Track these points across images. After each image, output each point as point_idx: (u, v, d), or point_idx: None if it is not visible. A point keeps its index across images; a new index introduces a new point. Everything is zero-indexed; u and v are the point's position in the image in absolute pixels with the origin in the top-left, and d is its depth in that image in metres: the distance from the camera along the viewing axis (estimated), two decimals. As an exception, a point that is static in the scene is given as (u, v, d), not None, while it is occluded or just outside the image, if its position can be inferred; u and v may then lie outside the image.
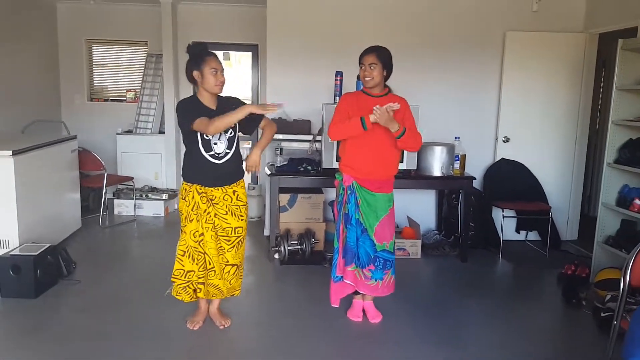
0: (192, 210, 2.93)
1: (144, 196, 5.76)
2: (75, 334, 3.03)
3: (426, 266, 4.49)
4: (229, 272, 3.04)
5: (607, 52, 5.49)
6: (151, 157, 6.04)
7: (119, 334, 3.06)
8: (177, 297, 3.08)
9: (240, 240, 3.04)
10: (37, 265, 3.50)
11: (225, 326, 3.16)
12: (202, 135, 2.85)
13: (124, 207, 5.72)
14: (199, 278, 3.02)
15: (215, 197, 2.94)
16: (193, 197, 2.92)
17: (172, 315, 3.29)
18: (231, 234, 2.99)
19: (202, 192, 2.93)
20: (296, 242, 4.42)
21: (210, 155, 2.88)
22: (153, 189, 5.91)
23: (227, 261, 3.02)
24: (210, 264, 2.98)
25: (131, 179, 5.66)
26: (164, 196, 5.78)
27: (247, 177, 3.18)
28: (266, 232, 4.97)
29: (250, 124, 3.00)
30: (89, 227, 5.16)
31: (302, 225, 4.60)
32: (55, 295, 3.57)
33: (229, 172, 2.96)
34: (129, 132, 6.14)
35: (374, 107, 2.92)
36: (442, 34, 4.95)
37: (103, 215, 5.32)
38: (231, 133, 2.92)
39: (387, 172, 3.17)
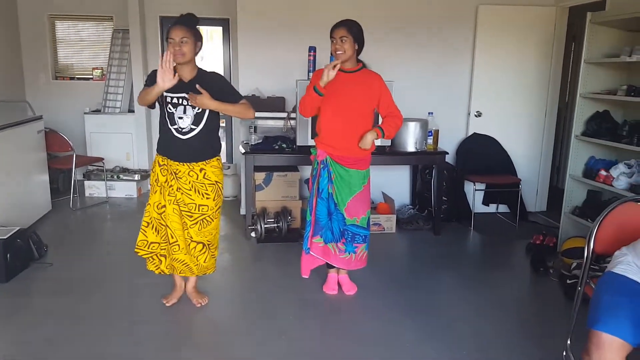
0: (155, 181, 2.93)
1: (115, 177, 5.65)
2: (48, 317, 3.00)
3: (401, 240, 4.56)
4: (194, 248, 2.99)
5: (577, 25, 5.56)
6: (121, 137, 5.90)
7: (93, 315, 3.03)
8: (148, 268, 3.12)
9: (205, 218, 2.94)
10: (7, 249, 3.42)
11: (202, 304, 3.17)
12: (165, 107, 2.82)
13: (95, 189, 5.61)
14: (161, 250, 3.03)
15: (180, 171, 2.88)
16: (156, 168, 2.93)
17: (147, 297, 3.27)
18: (194, 210, 2.92)
19: (164, 164, 2.91)
20: (273, 220, 4.42)
21: (174, 129, 2.84)
22: (124, 170, 5.80)
23: (192, 237, 2.97)
24: (172, 238, 2.95)
25: (101, 159, 5.54)
26: (136, 177, 5.68)
27: (222, 156, 3.13)
28: (242, 211, 4.96)
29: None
30: (60, 210, 5.06)
31: (278, 204, 4.60)
32: (27, 279, 3.51)
33: (196, 150, 2.87)
34: (97, 111, 5.97)
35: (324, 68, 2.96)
36: (415, 8, 4.93)
37: (74, 198, 5.21)
38: (199, 109, 2.81)
39: (362, 150, 3.16)
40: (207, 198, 2.92)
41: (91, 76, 6.25)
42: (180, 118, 2.82)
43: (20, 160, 4.40)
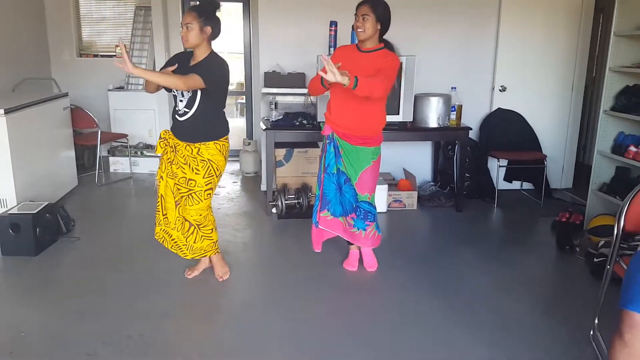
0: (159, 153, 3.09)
1: (138, 153, 5.74)
2: (76, 290, 3.09)
3: (422, 217, 4.54)
4: (183, 226, 3.05)
5: (606, -4, 5.37)
6: (144, 114, 5.96)
7: (119, 287, 3.12)
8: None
9: (191, 194, 2.95)
10: (36, 223, 3.52)
11: (224, 278, 3.22)
12: (171, 90, 2.92)
13: (119, 165, 5.71)
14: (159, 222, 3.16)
15: (179, 144, 2.98)
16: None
17: (171, 268, 3.34)
18: (184, 184, 2.96)
19: (164, 137, 3.03)
20: (293, 196, 4.44)
21: (176, 110, 2.96)
22: (148, 146, 5.88)
23: (180, 214, 3.04)
24: (165, 210, 3.07)
25: (125, 136, 5.62)
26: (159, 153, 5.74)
27: (242, 133, 3.14)
28: (263, 187, 5.00)
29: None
30: (86, 185, 5.17)
31: (298, 180, 4.61)
32: (56, 253, 3.61)
33: (190, 131, 2.94)
34: (121, 88, 6.03)
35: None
36: (439, -20, 4.81)
37: (99, 173, 5.32)
38: (190, 93, 2.87)
39: (370, 128, 3.11)
40: (196, 173, 2.94)
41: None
42: (181, 101, 2.92)
43: (47, 137, 4.49)
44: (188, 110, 2.90)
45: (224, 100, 3.05)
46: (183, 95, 2.90)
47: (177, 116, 2.95)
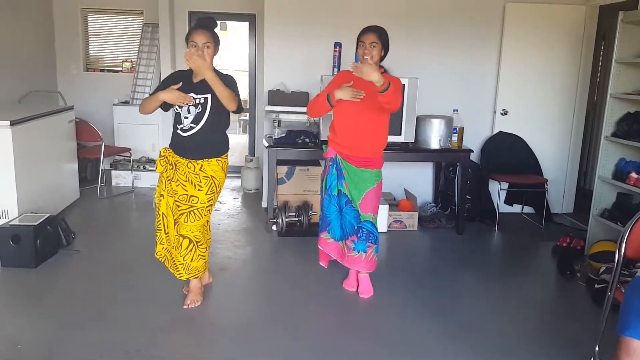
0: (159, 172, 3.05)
1: (141, 167, 5.76)
2: (75, 302, 3.08)
3: (423, 238, 4.54)
4: (181, 245, 2.97)
5: (607, 24, 5.43)
6: (148, 129, 6.00)
7: (117, 301, 3.11)
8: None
9: (193, 211, 2.93)
10: (37, 235, 3.52)
11: (190, 306, 3.05)
12: (175, 106, 2.92)
13: (121, 178, 5.73)
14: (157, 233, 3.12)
15: (180, 162, 2.96)
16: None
17: (170, 284, 3.32)
18: (185, 201, 2.94)
19: (164, 155, 3.00)
20: (294, 214, 4.45)
21: (180, 127, 2.94)
22: (150, 160, 5.91)
23: (178, 231, 2.98)
24: (167, 228, 3.04)
25: (128, 150, 5.65)
26: (162, 168, 5.77)
27: (244, 150, 3.17)
28: (264, 204, 5.00)
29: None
30: (87, 198, 5.18)
31: (299, 197, 4.62)
32: (55, 265, 3.61)
33: (194, 147, 2.92)
34: (126, 103, 6.09)
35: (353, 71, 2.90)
36: (442, 4, 4.88)
37: (101, 186, 5.34)
38: (199, 109, 2.88)
39: (373, 150, 3.17)
40: (199, 190, 2.93)
41: (121, 68, 6.37)
42: (186, 117, 2.91)
43: (51, 149, 4.52)
44: (194, 126, 2.90)
45: (229, 116, 3.05)
46: (189, 112, 2.90)
47: (180, 132, 2.94)
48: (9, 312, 2.99)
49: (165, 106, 2.95)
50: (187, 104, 2.84)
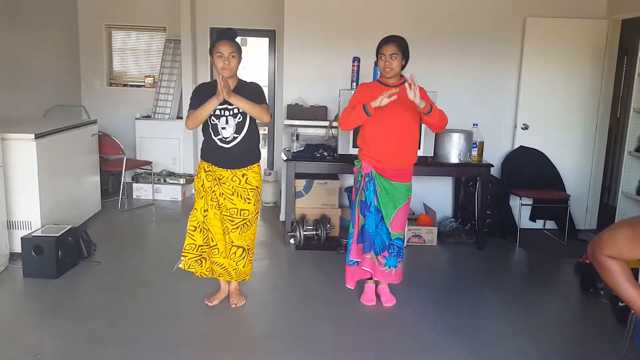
0: (201, 187, 3.05)
1: (162, 180, 5.83)
2: (95, 314, 3.11)
3: (442, 254, 4.48)
4: (234, 253, 3.07)
5: (629, 38, 5.36)
6: (169, 142, 6.09)
7: (137, 314, 3.13)
8: (189, 269, 3.16)
9: (246, 223, 3.04)
10: (59, 246, 3.58)
11: (238, 305, 3.23)
12: (209, 119, 2.94)
13: (142, 191, 5.80)
14: (202, 252, 3.13)
15: (224, 176, 3.00)
16: (201, 174, 3.05)
17: (190, 297, 3.34)
18: (235, 215, 3.01)
19: (209, 170, 3.02)
20: (312, 227, 4.44)
21: (218, 139, 2.96)
22: (171, 174, 5.98)
23: (232, 242, 3.06)
24: (213, 241, 3.06)
25: (150, 163, 5.73)
26: (182, 181, 5.84)
27: (263, 163, 3.21)
28: (282, 218, 5.01)
29: None
30: (109, 210, 5.25)
31: (317, 211, 4.62)
32: (76, 276, 3.65)
33: (238, 157, 2.99)
34: (148, 117, 6.19)
35: (383, 93, 2.93)
36: (462, 18, 4.88)
37: (122, 199, 5.41)
38: (239, 118, 2.93)
39: (406, 161, 3.18)
40: (248, 203, 3.01)
41: (143, 83, 6.49)
42: (224, 128, 2.94)
43: (74, 162, 4.61)
44: (237, 136, 2.95)
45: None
46: (227, 123, 2.93)
47: (222, 144, 2.96)
48: (30, 322, 3.03)
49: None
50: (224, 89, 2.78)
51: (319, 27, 4.85)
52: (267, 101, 3.02)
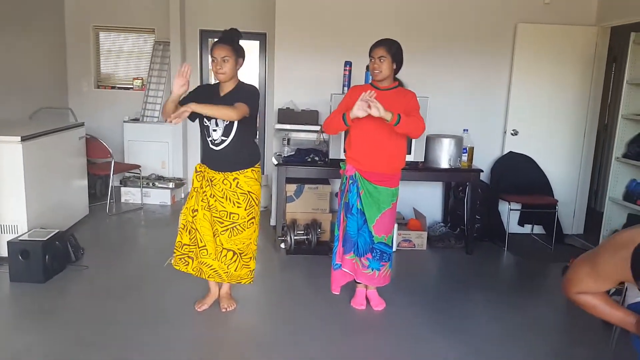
0: (193, 187, 3.07)
1: (150, 184, 5.78)
2: (83, 319, 3.06)
3: (431, 258, 4.50)
4: (225, 256, 3.04)
5: (618, 45, 5.44)
6: (158, 146, 6.04)
7: (126, 318, 3.09)
8: (175, 267, 3.18)
9: (235, 227, 3.00)
10: (46, 251, 3.53)
11: (228, 309, 3.21)
12: (201, 120, 2.95)
13: (130, 195, 5.75)
14: (189, 252, 3.12)
15: (215, 178, 2.99)
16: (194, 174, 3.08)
17: (179, 301, 3.31)
18: (225, 218, 2.99)
19: (200, 171, 3.04)
20: (302, 232, 4.43)
21: (210, 140, 2.96)
22: (160, 178, 5.93)
23: (222, 244, 3.03)
24: (201, 242, 3.05)
25: (138, 167, 5.68)
26: (171, 185, 5.80)
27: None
28: (272, 222, 4.99)
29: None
30: (97, 215, 5.19)
31: (308, 216, 4.61)
32: (64, 280, 3.60)
33: (228, 160, 2.97)
34: (136, 120, 6.14)
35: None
36: (453, 24, 4.92)
37: (110, 203, 5.35)
38: (227, 121, 2.90)
39: (391, 166, 3.16)
40: (238, 207, 2.98)
41: (131, 86, 6.43)
42: (214, 130, 2.94)
43: (61, 165, 4.55)
44: (225, 139, 2.93)
45: (256, 126, 3.10)
46: (217, 125, 2.92)
47: (212, 146, 2.96)
48: (17, 327, 2.98)
49: (192, 116, 2.90)
50: (185, 74, 2.76)
51: (310, 30, 4.85)
52: (252, 102, 2.89)
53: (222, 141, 2.93)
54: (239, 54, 2.93)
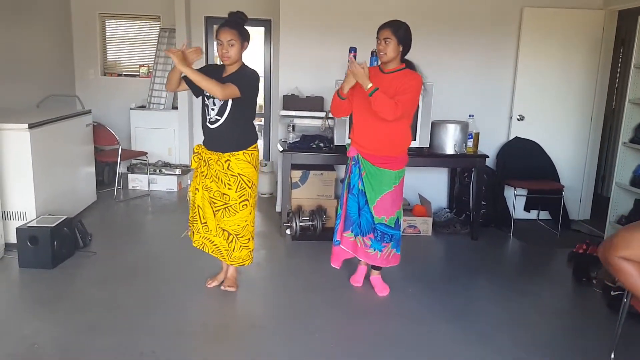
0: (191, 167, 3.20)
1: (157, 171, 5.82)
2: (91, 304, 3.11)
3: (437, 244, 4.51)
4: (222, 236, 3.13)
5: (626, 29, 5.37)
6: (164, 133, 6.07)
7: (134, 303, 3.14)
8: (190, 237, 3.33)
9: (227, 208, 3.06)
10: (54, 237, 3.57)
11: (227, 290, 3.28)
12: (203, 99, 3.03)
13: (137, 182, 5.79)
14: (193, 225, 3.24)
15: (211, 159, 3.06)
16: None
17: (185, 286, 3.36)
18: (218, 198, 3.07)
19: (197, 151, 3.12)
20: (308, 218, 4.45)
21: (208, 118, 3.03)
22: (166, 164, 5.96)
23: (219, 224, 3.13)
24: (203, 219, 3.15)
25: (145, 154, 5.71)
26: (177, 171, 5.83)
27: (259, 154, 3.20)
28: (278, 209, 5.02)
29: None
30: (104, 201, 5.24)
31: (313, 202, 4.62)
32: (72, 266, 3.65)
33: (221, 140, 3.02)
34: (142, 107, 6.16)
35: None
36: (459, 9, 4.86)
37: (117, 190, 5.40)
38: (222, 101, 2.95)
39: (392, 149, 3.14)
40: (228, 189, 3.05)
41: (138, 73, 6.45)
42: (213, 109, 3.01)
43: (69, 152, 4.58)
44: (219, 118, 2.98)
45: (255, 109, 3.12)
46: (214, 104, 2.98)
47: (208, 124, 3.04)
48: (26, 312, 3.03)
49: (196, 91, 3.03)
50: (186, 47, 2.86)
51: (315, 16, 4.83)
52: (243, 85, 2.89)
53: (217, 120, 3.00)
54: (245, 37, 2.95)
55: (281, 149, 4.45)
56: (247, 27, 3.01)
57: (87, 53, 6.30)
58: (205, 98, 3.02)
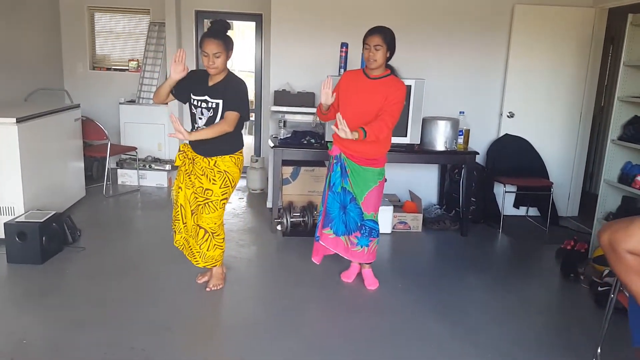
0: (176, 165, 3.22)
1: (147, 167, 5.78)
2: (80, 299, 3.09)
3: (427, 240, 4.53)
4: (197, 234, 3.14)
5: (616, 27, 5.41)
6: (154, 128, 6.02)
7: (123, 299, 3.12)
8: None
9: (208, 203, 3.07)
10: (43, 232, 3.54)
11: (213, 289, 3.26)
12: (190, 107, 3.06)
13: (127, 177, 5.75)
14: (175, 223, 3.25)
15: (197, 157, 3.09)
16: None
17: (175, 282, 3.35)
18: (201, 193, 3.08)
19: (183, 150, 3.13)
20: (298, 214, 4.45)
21: (195, 127, 3.07)
22: (156, 160, 5.92)
23: (196, 222, 3.13)
24: (184, 218, 3.16)
25: (134, 149, 5.67)
26: (167, 167, 5.80)
27: (250, 150, 3.22)
28: (269, 204, 5.01)
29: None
30: (93, 196, 5.20)
31: (304, 198, 4.62)
32: (61, 262, 3.63)
33: (207, 147, 3.03)
34: (132, 102, 6.11)
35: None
36: (450, 5, 4.87)
37: (107, 185, 5.36)
38: (211, 113, 2.99)
39: (373, 151, 3.19)
40: (213, 183, 3.06)
41: (127, 67, 6.39)
42: (200, 118, 3.04)
43: (57, 147, 4.54)
44: (206, 128, 2.99)
45: (243, 119, 3.09)
46: (202, 114, 3.01)
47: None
48: (14, 308, 3.01)
49: (184, 100, 3.08)
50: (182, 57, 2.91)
51: (306, 11, 4.81)
52: (243, 109, 2.98)
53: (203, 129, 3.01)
54: (229, 47, 2.97)
55: (272, 144, 4.45)
56: (236, 23, 3.02)
57: (75, 46, 6.23)
58: (193, 107, 3.04)
